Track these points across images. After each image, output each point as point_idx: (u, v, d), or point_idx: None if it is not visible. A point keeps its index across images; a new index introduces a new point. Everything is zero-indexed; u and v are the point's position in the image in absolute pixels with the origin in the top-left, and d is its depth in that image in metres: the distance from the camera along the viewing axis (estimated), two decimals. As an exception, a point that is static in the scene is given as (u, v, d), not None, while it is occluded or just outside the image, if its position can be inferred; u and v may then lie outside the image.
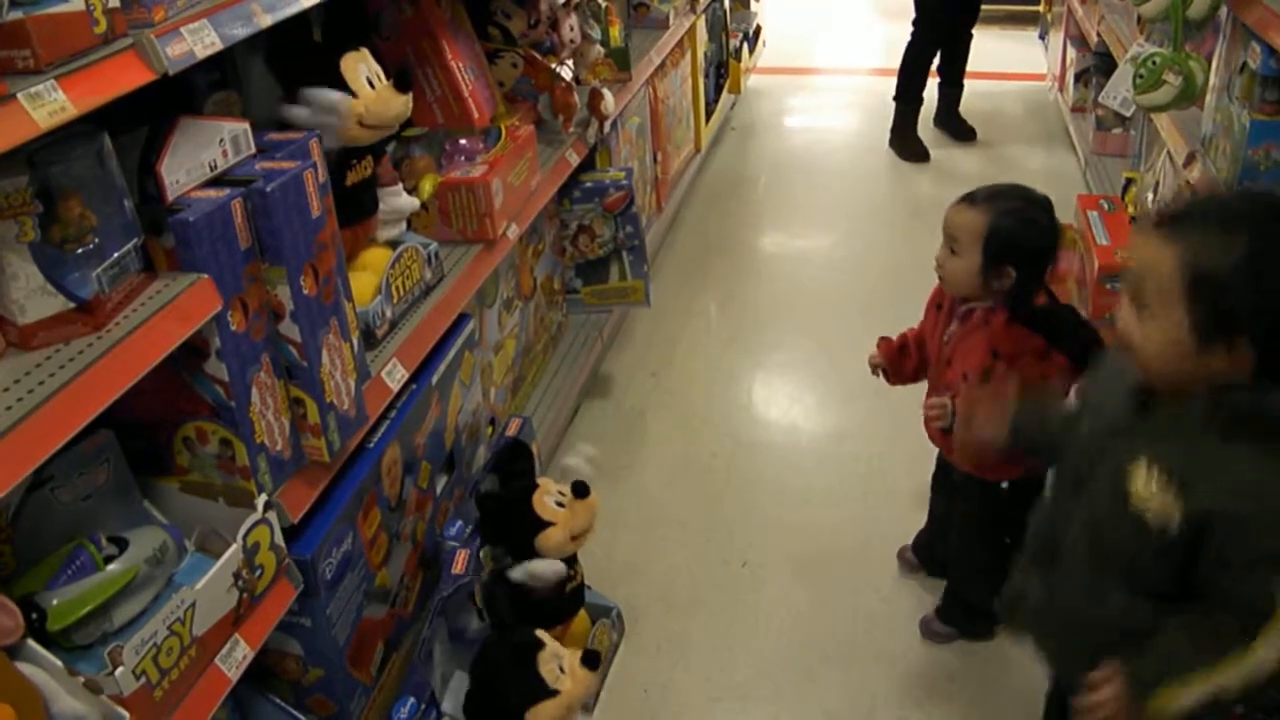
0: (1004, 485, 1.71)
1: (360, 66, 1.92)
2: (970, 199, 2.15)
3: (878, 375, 2.39)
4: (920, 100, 5.36)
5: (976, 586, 2.41)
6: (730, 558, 2.77)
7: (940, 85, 5.49)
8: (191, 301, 1.43)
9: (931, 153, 5.30)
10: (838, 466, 3.11)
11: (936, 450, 2.44)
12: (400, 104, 1.95)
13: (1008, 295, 2.11)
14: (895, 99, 5.37)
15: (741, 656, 2.46)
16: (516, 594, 2.13)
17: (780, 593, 2.65)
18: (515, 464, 2.33)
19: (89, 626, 1.40)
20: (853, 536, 2.81)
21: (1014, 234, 2.07)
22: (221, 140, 1.55)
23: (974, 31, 5.31)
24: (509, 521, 2.20)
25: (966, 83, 5.45)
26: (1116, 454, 1.43)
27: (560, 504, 2.20)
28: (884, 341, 2.38)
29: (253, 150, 1.61)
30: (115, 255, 1.36)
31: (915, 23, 5.27)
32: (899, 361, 2.37)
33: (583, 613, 2.36)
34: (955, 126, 5.52)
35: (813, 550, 2.77)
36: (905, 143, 5.36)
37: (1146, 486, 1.37)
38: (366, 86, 1.91)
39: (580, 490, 2.21)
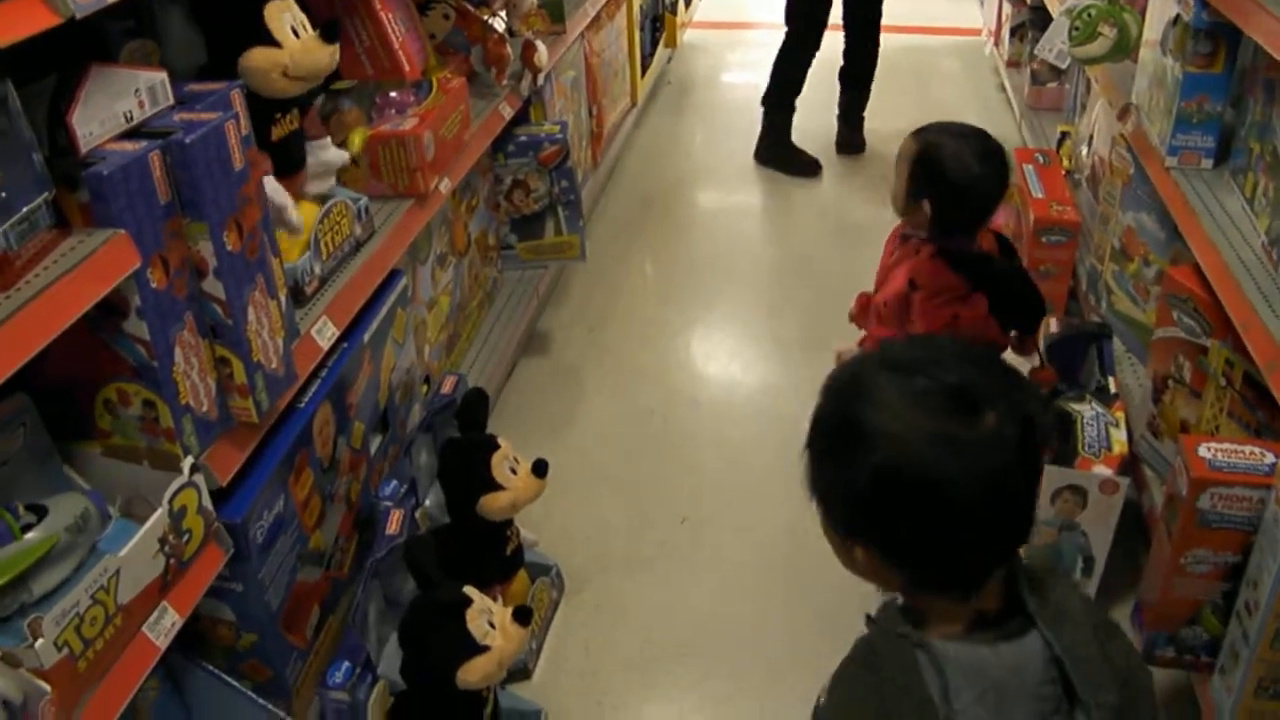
0: None
1: (285, 15, 1.85)
2: (920, 129, 2.15)
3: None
4: (793, 109, 4.69)
5: None
6: (669, 514, 2.76)
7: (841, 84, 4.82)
8: (108, 258, 1.37)
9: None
10: (776, 420, 3.11)
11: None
12: (327, 55, 1.89)
13: (930, 229, 2.10)
14: (763, 104, 4.71)
15: (682, 612, 2.46)
16: (446, 552, 2.11)
17: (720, 548, 2.65)
18: (477, 413, 2.32)
19: (7, 598, 1.35)
20: (793, 490, 2.80)
21: (933, 169, 2.05)
22: (137, 90, 1.48)
23: None
24: (464, 472, 2.18)
25: (902, 37, 5.29)
26: None
27: (514, 470, 2.19)
28: (861, 295, 2.37)
29: (171, 101, 1.54)
30: (24, 210, 1.29)
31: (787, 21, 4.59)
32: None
33: (522, 572, 2.35)
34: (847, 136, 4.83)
35: (753, 505, 2.77)
36: (783, 154, 4.70)
37: None
38: (291, 36, 1.85)
39: (539, 470, 2.21)
